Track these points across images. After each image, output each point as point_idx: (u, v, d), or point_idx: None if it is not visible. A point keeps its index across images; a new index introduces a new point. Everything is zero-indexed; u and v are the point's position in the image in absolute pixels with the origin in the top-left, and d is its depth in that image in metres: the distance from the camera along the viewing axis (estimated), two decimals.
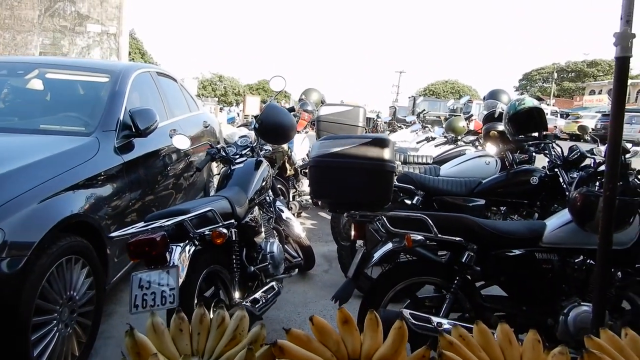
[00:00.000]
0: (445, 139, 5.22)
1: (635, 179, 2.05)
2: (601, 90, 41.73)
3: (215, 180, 5.11)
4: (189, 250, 1.95)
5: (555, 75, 46.92)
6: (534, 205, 3.06)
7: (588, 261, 2.11)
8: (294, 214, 4.13)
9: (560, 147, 2.99)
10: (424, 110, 11.57)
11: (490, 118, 3.78)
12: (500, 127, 3.57)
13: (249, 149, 3.06)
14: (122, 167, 2.72)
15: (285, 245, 3.20)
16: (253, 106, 26.38)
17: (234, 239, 2.24)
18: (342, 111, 3.91)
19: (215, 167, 5.08)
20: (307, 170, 2.24)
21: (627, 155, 3.73)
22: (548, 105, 34.68)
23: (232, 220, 2.21)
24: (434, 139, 6.08)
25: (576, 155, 2.85)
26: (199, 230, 1.96)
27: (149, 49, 43.92)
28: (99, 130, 2.73)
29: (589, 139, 3.95)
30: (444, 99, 40.09)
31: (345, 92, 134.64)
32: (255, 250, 2.57)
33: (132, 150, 2.91)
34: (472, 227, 2.11)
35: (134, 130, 2.87)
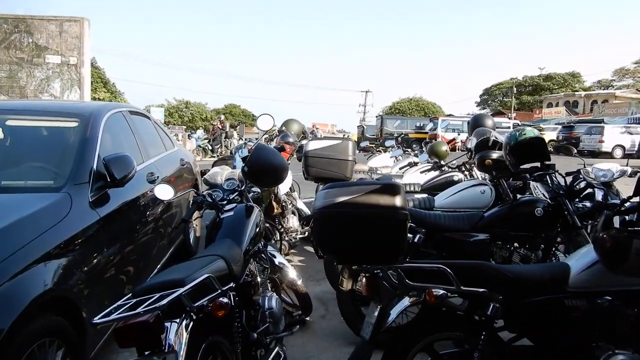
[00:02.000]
0: (431, 165, 5.12)
1: None
2: (558, 103, 43.53)
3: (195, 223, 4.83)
4: (187, 327, 1.69)
5: (515, 89, 48.61)
6: (538, 237, 2.94)
7: (617, 304, 1.97)
8: (285, 255, 3.90)
9: (563, 176, 2.90)
10: (402, 134, 11.56)
11: (483, 146, 3.70)
12: (495, 155, 3.48)
13: (237, 193, 2.84)
14: (99, 223, 2.44)
15: (281, 294, 2.97)
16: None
17: (233, 304, 2.00)
18: (331, 145, 3.74)
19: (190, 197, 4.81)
20: (307, 222, 2.05)
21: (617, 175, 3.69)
22: (510, 119, 35.81)
23: (231, 284, 1.97)
24: (416, 164, 5.99)
25: (580, 184, 2.76)
26: (197, 304, 1.71)
27: (112, 77, 42.96)
28: (70, 183, 2.45)
29: (577, 155, 3.95)
30: (410, 117, 40.88)
31: (312, 113, 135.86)
32: (254, 309, 2.33)
33: (108, 203, 2.64)
34: (495, 275, 1.94)
35: (109, 180, 2.61)
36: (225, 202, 2.74)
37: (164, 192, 2.54)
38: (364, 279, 2.05)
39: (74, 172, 2.52)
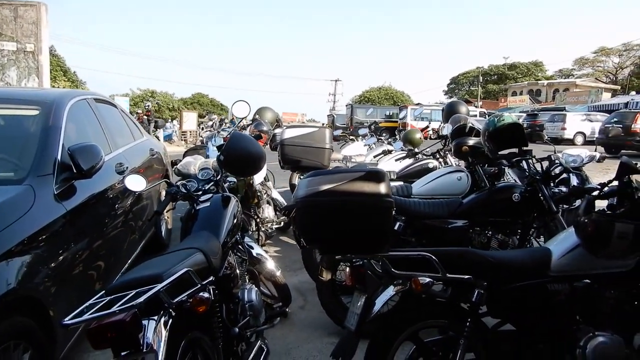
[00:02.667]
0: (405, 153, 5.12)
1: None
2: (522, 91, 44.70)
3: (167, 215, 4.68)
4: (166, 324, 1.60)
5: (481, 78, 49.56)
6: (515, 222, 2.97)
7: (597, 287, 2.00)
8: (262, 246, 3.81)
9: (540, 162, 2.93)
10: (375, 122, 11.54)
11: (460, 132, 3.70)
12: (471, 141, 3.49)
13: (212, 183, 2.73)
14: (65, 217, 2.29)
15: (260, 286, 2.90)
16: (191, 122, 25.46)
17: (214, 299, 1.91)
18: (307, 133, 3.67)
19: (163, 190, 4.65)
20: (289, 211, 1.97)
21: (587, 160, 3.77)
22: (476, 107, 36.55)
23: (211, 278, 1.88)
24: (390, 151, 5.99)
25: (556, 170, 2.80)
26: (176, 300, 1.61)
27: (73, 65, 41.27)
28: (33, 175, 2.29)
29: (549, 141, 4.01)
30: (380, 106, 41.13)
31: (281, 103, 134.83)
32: (234, 303, 2.25)
33: (75, 195, 2.49)
34: (479, 262, 1.93)
35: (75, 171, 2.45)
36: (200, 192, 2.64)
37: (136, 183, 2.41)
38: (347, 269, 2.01)
39: (37, 164, 2.36)
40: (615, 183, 1.96)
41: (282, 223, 4.70)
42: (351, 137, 8.32)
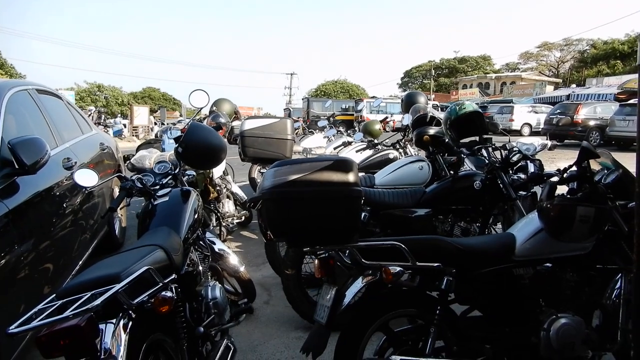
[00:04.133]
0: (365, 144, 5.12)
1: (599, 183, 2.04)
2: (472, 85, 46.18)
3: (120, 212, 4.45)
4: (125, 327, 1.49)
5: (433, 72, 50.76)
6: (477, 209, 3.02)
7: (558, 270, 2.06)
8: (223, 241, 3.69)
9: (499, 149, 2.99)
10: (334, 113, 11.50)
11: (421, 122, 3.73)
12: (432, 131, 3.52)
13: (170, 177, 2.61)
14: (7, 217, 2.10)
15: (224, 283, 2.80)
16: (142, 117, 24.52)
17: (176, 298, 1.80)
18: (268, 124, 3.57)
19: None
20: (255, 203, 1.88)
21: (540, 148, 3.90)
22: (429, 100, 37.43)
23: (173, 275, 1.78)
24: (350, 143, 5.99)
25: (516, 157, 2.86)
26: (136, 301, 1.50)
27: (9, 57, 38.63)
28: None
29: (503, 131, 4.13)
30: (336, 99, 41.30)
31: (237, 96, 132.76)
32: (197, 301, 2.14)
33: (17, 193, 2.29)
34: (448, 249, 1.93)
35: (17, 166, 2.26)
36: (157, 187, 2.50)
37: (86, 178, 2.24)
38: (315, 261, 1.95)
39: None
40: (575, 168, 2.01)
41: (243, 217, 4.59)
42: (309, 130, 8.26)
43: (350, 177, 1.78)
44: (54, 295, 1.47)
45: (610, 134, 14.17)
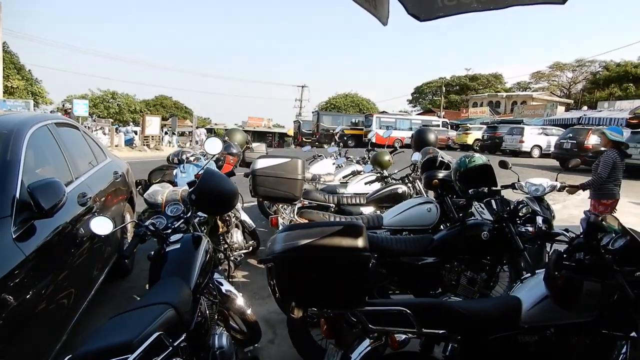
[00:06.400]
0: (375, 176, 5.16)
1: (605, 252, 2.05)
2: (482, 103, 46.15)
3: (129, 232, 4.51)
4: None
5: (443, 89, 50.84)
6: (484, 259, 3.04)
7: (563, 335, 2.06)
8: (233, 276, 3.74)
9: (508, 200, 3.01)
10: (342, 131, 11.47)
11: (430, 165, 3.76)
12: (441, 174, 3.55)
13: (182, 220, 2.65)
14: (25, 263, 2.15)
15: (230, 322, 2.83)
16: (154, 126, 24.82)
17: (185, 357, 1.84)
18: (280, 163, 3.62)
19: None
20: (265, 262, 1.94)
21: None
22: (439, 117, 37.46)
23: (183, 336, 1.82)
24: (359, 172, 6.03)
25: (523, 210, 2.88)
26: None
27: (27, 63, 39.36)
28: None
29: (513, 170, 4.14)
30: (346, 114, 41.47)
31: (247, 107, 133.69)
32: (204, 351, 2.18)
33: (34, 236, 2.35)
34: (454, 314, 1.96)
35: (35, 210, 2.31)
36: (169, 230, 2.56)
37: (102, 227, 2.30)
38: (323, 321, 1.98)
39: None
40: (582, 238, 2.03)
41: (251, 248, 4.63)
42: (317, 142, 8.30)
43: (359, 243, 1.81)
44: (68, 358, 1.52)
45: None
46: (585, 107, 33.35)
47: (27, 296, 2.11)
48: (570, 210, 6.81)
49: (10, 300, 1.97)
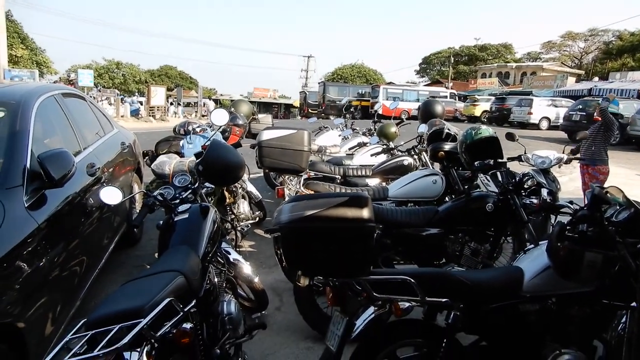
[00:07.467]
0: (381, 148, 5.15)
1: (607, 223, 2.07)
2: (491, 74, 45.34)
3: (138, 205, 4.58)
4: (149, 355, 1.58)
5: (452, 59, 49.91)
6: (488, 230, 3.07)
7: (563, 306, 2.11)
8: (240, 246, 3.80)
9: (513, 172, 3.01)
10: (349, 101, 11.34)
11: (436, 137, 3.75)
12: (447, 146, 3.54)
13: (190, 191, 2.69)
14: (37, 231, 2.21)
15: (237, 289, 2.90)
16: (159, 97, 24.69)
17: (195, 323, 1.90)
18: (286, 135, 3.62)
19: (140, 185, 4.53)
20: (271, 232, 1.98)
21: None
22: (447, 88, 36.96)
23: (193, 302, 1.87)
24: (365, 144, 6.01)
25: (528, 182, 2.88)
26: (159, 333, 1.60)
27: (31, 32, 38.94)
28: (1, 188, 2.19)
29: (520, 143, 4.12)
30: (353, 84, 40.97)
31: (253, 77, 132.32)
32: (213, 318, 2.25)
33: (46, 205, 2.40)
34: (457, 284, 2.00)
35: (46, 180, 2.35)
36: (177, 200, 2.60)
37: (111, 196, 2.34)
38: (329, 289, 2.03)
39: (5, 175, 2.25)
40: (586, 210, 2.04)
41: (257, 219, 4.69)
42: (322, 114, 8.28)
43: (365, 213, 1.84)
44: (83, 322, 1.58)
45: (631, 132, 13.90)
46: (596, 78, 32.70)
47: (41, 263, 2.17)
48: (576, 182, 6.79)
49: (25, 266, 2.03)
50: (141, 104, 26.27)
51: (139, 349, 1.57)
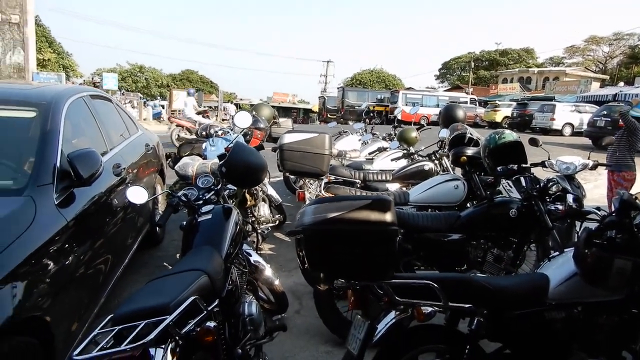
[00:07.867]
0: (401, 152, 5.13)
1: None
2: (512, 79, 44.71)
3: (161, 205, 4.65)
4: (173, 352, 1.61)
5: (472, 64, 49.41)
6: (511, 237, 3.02)
7: (591, 314, 2.06)
8: (260, 248, 3.83)
9: (537, 178, 2.96)
10: (369, 108, 11.40)
11: (458, 141, 3.72)
12: (469, 151, 3.51)
13: (213, 192, 2.72)
14: (66, 229, 2.26)
15: (258, 292, 2.92)
16: (181, 101, 25.01)
17: (218, 322, 1.92)
18: (307, 138, 3.64)
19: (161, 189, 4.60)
20: (293, 234, 1.99)
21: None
22: (467, 93, 36.58)
23: (216, 301, 1.90)
24: (385, 149, 6.00)
25: (553, 188, 2.83)
26: (183, 330, 1.63)
27: (58, 36, 40.04)
28: (32, 185, 2.25)
29: (544, 148, 4.05)
30: (372, 89, 40.90)
31: (272, 82, 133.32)
32: (235, 317, 2.27)
33: (74, 203, 2.46)
34: (481, 290, 1.97)
35: (75, 178, 2.42)
36: (201, 201, 2.63)
37: (138, 196, 2.39)
38: (350, 293, 2.03)
39: (36, 172, 2.31)
40: (614, 215, 2.00)
41: (277, 222, 4.71)
42: (342, 119, 8.30)
43: (387, 217, 1.83)
44: (110, 317, 1.61)
45: None
46: (621, 83, 31.91)
47: (68, 260, 2.22)
48: (601, 190, 6.65)
49: (54, 262, 2.08)
50: (163, 107, 26.70)
51: (163, 346, 1.60)
